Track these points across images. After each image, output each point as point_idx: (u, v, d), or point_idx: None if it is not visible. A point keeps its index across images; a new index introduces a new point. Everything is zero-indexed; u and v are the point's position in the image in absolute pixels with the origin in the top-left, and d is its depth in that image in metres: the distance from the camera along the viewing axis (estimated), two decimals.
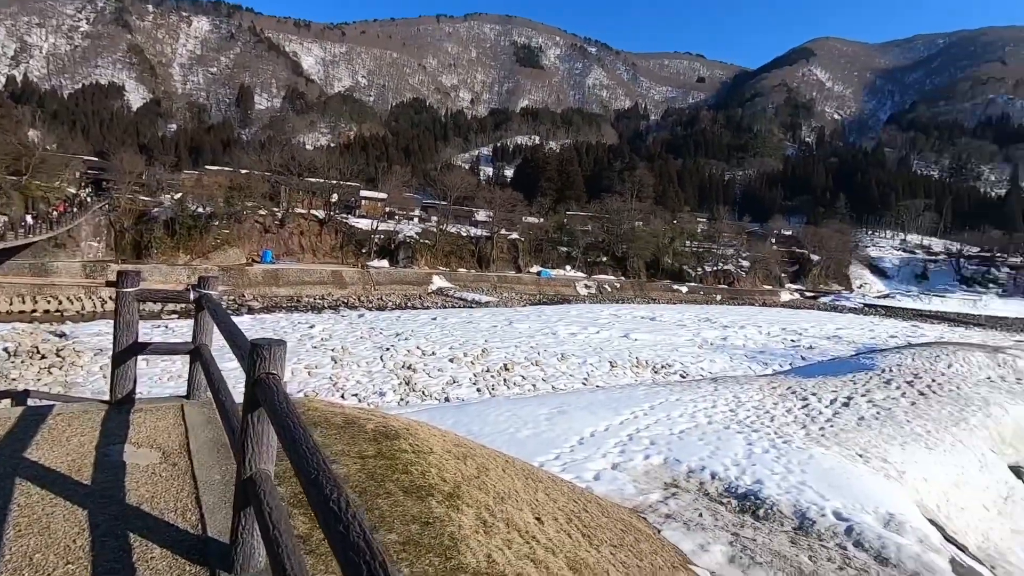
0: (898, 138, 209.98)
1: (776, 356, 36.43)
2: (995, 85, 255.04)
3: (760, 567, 5.99)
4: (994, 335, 57.75)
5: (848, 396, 15.89)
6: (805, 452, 10.90)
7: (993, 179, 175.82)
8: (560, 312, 48.50)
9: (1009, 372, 20.59)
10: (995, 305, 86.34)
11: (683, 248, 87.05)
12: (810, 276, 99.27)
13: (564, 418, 12.00)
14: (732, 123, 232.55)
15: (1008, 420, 15.46)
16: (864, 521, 8.03)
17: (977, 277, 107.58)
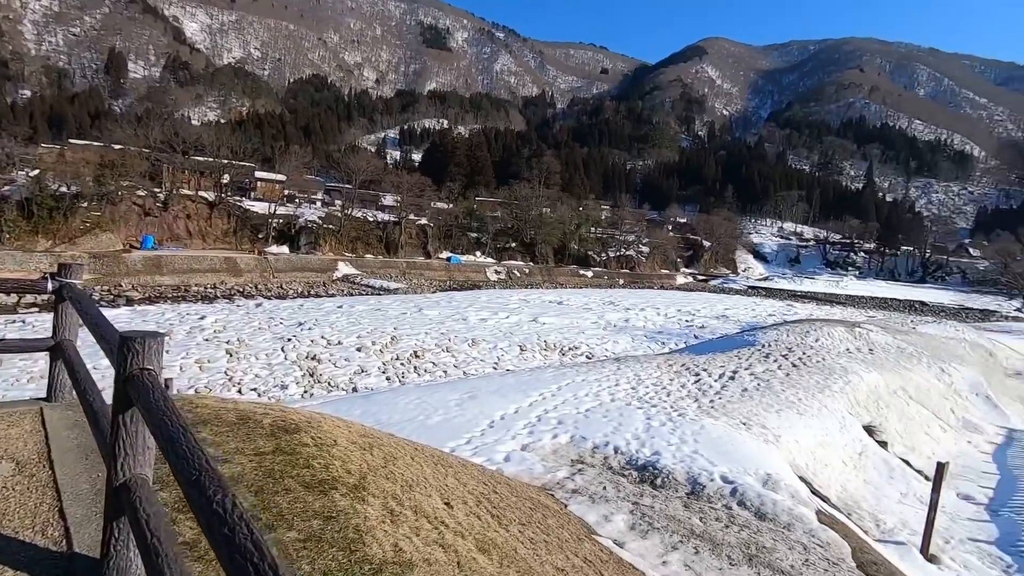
0: (776, 135, 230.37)
1: (673, 336, 38.99)
2: (854, 90, 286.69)
3: (657, 532, 6.42)
4: (852, 312, 65.61)
5: (734, 370, 17.35)
6: (697, 423, 11.78)
7: (852, 174, 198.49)
8: (470, 298, 48.59)
9: (864, 344, 23.47)
10: (853, 286, 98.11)
11: (589, 234, 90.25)
12: (702, 261, 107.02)
13: (475, 403, 12.08)
14: (633, 115, 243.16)
15: (863, 386, 17.67)
16: (746, 482, 8.86)
17: (839, 261, 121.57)
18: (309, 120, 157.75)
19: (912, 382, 19.98)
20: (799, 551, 6.75)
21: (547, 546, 3.87)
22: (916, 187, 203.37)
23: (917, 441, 16.40)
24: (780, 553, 6.55)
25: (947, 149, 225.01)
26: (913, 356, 22.79)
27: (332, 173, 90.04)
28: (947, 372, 22.18)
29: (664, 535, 6.39)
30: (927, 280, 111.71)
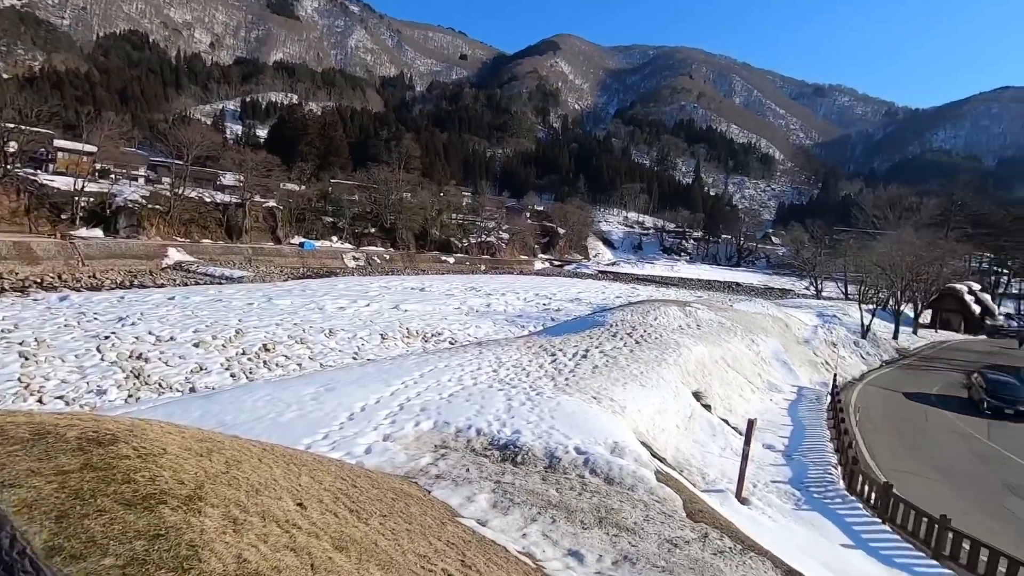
0: (622, 131, 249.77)
1: (532, 319, 40.71)
2: (685, 95, 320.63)
3: (518, 507, 6.71)
4: (684, 292, 73.94)
5: (586, 349, 18.64)
6: (554, 400, 12.48)
7: (684, 170, 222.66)
8: (327, 286, 46.09)
9: (693, 321, 26.62)
10: (685, 269, 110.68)
11: (450, 220, 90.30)
12: (558, 247, 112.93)
13: (333, 395, 11.52)
14: (493, 103, 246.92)
15: (692, 358, 20.05)
16: (597, 452, 9.61)
17: (674, 247, 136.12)
18: (126, 83, 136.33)
19: (730, 352, 23.15)
20: (641, 508, 7.49)
21: (409, 534, 3.83)
22: (733, 183, 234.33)
23: (734, 403, 19.08)
24: (625, 512, 7.22)
25: (757, 152, 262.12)
26: (731, 330, 26.37)
27: (158, 146, 78.67)
28: (756, 342, 26.04)
29: (524, 509, 6.69)
30: (741, 264, 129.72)
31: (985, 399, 21.38)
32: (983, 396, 21.63)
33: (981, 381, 22.74)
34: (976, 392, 22.58)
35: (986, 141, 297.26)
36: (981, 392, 21.97)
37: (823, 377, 25.76)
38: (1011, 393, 21.39)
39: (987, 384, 22.21)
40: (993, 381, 22.44)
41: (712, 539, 6.76)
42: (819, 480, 13.76)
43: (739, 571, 6.03)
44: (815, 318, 36.55)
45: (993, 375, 23.29)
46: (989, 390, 21.69)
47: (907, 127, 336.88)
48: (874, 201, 73.50)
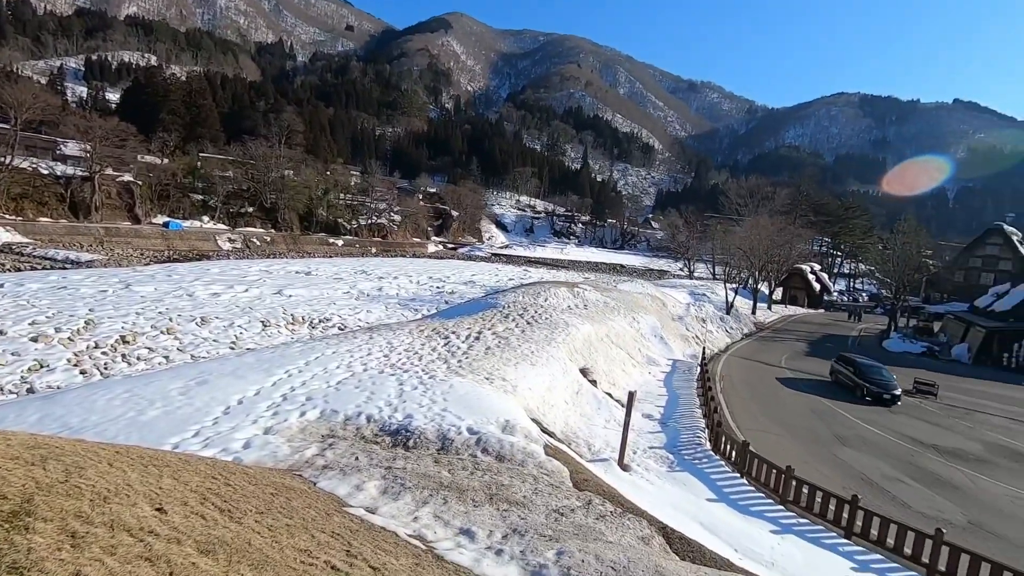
0: (514, 115, 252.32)
1: (425, 302, 40.22)
2: (574, 83, 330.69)
3: (409, 491, 6.65)
4: (573, 274, 76.98)
5: (479, 331, 18.81)
6: (447, 383, 12.48)
7: (573, 156, 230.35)
8: (198, 270, 42.08)
9: (581, 302, 27.87)
10: (574, 252, 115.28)
11: (338, 200, 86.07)
12: (451, 229, 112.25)
13: (205, 389, 10.59)
14: (382, 79, 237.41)
15: (579, 336, 21.02)
16: (489, 431, 9.78)
17: (564, 231, 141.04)
18: None
19: (614, 330, 24.58)
20: (530, 482, 7.77)
21: (289, 530, 3.64)
22: (618, 170, 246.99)
23: (617, 377, 20.32)
24: (516, 487, 7.44)
25: (639, 141, 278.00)
26: (615, 309, 27.97)
27: None
28: (637, 320, 27.88)
29: (416, 492, 6.65)
30: (625, 247, 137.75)
31: (865, 386, 21.66)
32: (861, 383, 21.92)
33: (851, 369, 22.95)
34: (846, 379, 23.03)
35: (826, 140, 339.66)
36: (855, 379, 22.33)
37: (694, 350, 28.24)
38: (883, 378, 21.80)
39: (861, 371, 22.41)
40: (865, 367, 22.63)
41: (595, 505, 7.18)
42: (690, 443, 15.15)
43: (618, 532, 6.48)
44: (688, 297, 39.85)
45: (862, 360, 23.48)
46: (865, 377, 21.98)
47: (765, 124, 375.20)
48: (737, 190, 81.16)
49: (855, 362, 23.25)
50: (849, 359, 23.92)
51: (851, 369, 22.97)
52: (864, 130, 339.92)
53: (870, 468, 14.69)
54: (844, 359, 24.30)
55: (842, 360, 24.37)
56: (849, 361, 23.72)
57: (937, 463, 15.64)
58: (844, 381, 23.27)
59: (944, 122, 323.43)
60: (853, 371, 22.71)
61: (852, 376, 22.61)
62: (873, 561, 9.92)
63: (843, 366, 23.87)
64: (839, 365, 24.30)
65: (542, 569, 5.13)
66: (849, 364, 23.46)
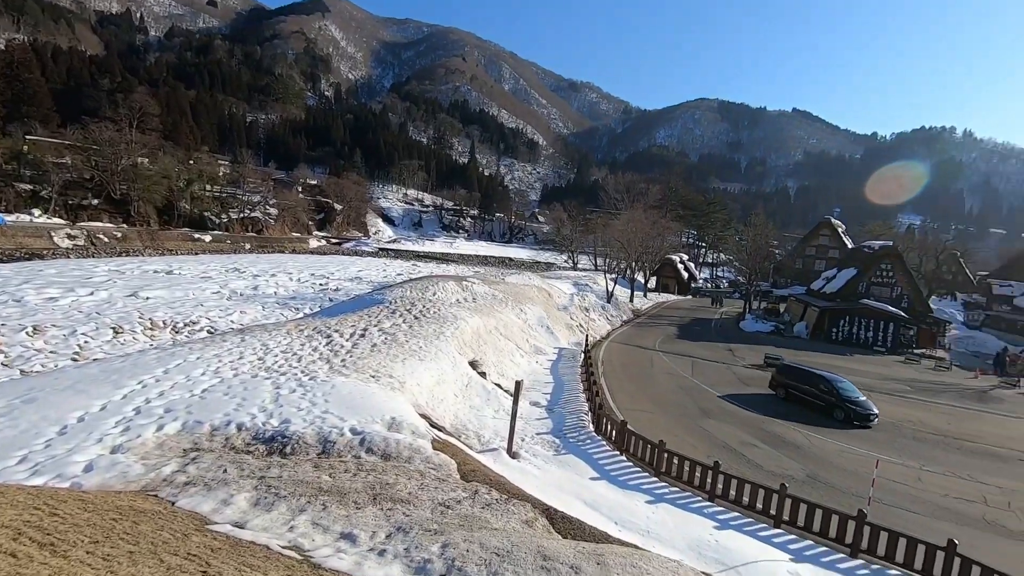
0: (399, 106, 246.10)
1: (307, 300, 38.11)
2: (459, 76, 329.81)
3: (284, 500, 6.25)
4: (463, 268, 77.16)
5: (364, 328, 18.18)
6: (329, 384, 11.91)
7: (460, 149, 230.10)
8: (27, 272, 36.38)
9: (470, 295, 27.98)
10: (463, 246, 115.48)
11: (204, 192, 78.50)
12: (335, 224, 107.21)
13: (33, 407, 9.15)
14: (252, 61, 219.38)
15: (468, 329, 21.10)
16: (374, 430, 9.50)
17: (452, 225, 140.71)
18: None
19: (502, 322, 25.00)
20: (416, 478, 7.66)
21: (132, 557, 3.25)
22: (505, 165, 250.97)
23: (505, 367, 20.70)
24: (401, 485, 7.30)
25: (524, 137, 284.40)
26: (503, 301, 28.45)
27: None
28: (524, 311, 28.58)
29: (292, 501, 6.27)
30: (513, 241, 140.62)
31: (852, 409, 18.61)
32: (840, 405, 18.82)
33: (824, 387, 19.57)
34: (813, 397, 19.74)
35: (691, 140, 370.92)
36: (831, 399, 19.16)
37: (578, 338, 29.59)
38: (862, 399, 19.20)
39: (838, 390, 19.26)
40: (842, 386, 19.55)
41: (481, 495, 7.26)
42: (575, 427, 15.86)
43: (503, 518, 6.60)
44: (572, 287, 41.62)
45: (833, 376, 20.35)
46: (847, 398, 18.95)
47: (639, 124, 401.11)
48: (615, 186, 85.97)
49: (825, 379, 19.93)
50: (811, 373, 20.54)
51: (823, 387, 19.60)
52: (722, 133, 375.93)
53: (729, 436, 16.38)
54: (800, 372, 20.97)
55: (797, 373, 21.00)
56: (810, 376, 20.33)
57: (782, 426, 17.83)
58: (808, 399, 19.88)
59: (785, 128, 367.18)
60: (826, 390, 19.47)
61: (824, 395, 19.47)
62: (732, 519, 11.07)
63: (802, 381, 20.41)
64: (791, 379, 20.94)
65: (426, 564, 5.08)
66: (815, 380, 20.03)
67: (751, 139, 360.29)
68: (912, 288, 41.53)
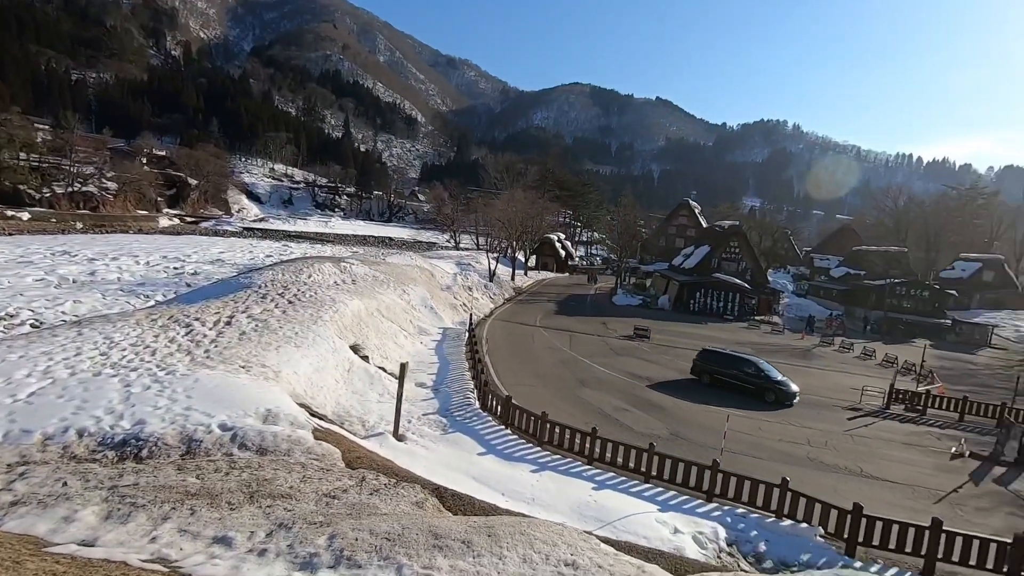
0: (261, 72, 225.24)
1: (159, 286, 34.18)
2: (330, 44, 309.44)
3: (143, 509, 5.62)
4: (340, 248, 73.73)
5: (231, 315, 16.72)
6: (191, 377, 10.84)
7: (333, 123, 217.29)
8: None
9: (348, 277, 26.84)
10: (340, 225, 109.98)
11: (15, 162, 66.25)
12: (190, 200, 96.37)
13: None
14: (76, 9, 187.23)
15: (348, 312, 20.28)
16: (247, 424, 8.84)
17: (327, 203, 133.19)
18: None
19: (384, 303, 24.36)
20: (298, 471, 7.29)
21: None
22: (382, 141, 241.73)
23: (389, 350, 20.27)
24: (281, 479, 6.90)
25: (402, 112, 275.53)
26: (384, 282, 27.68)
27: None
28: (407, 292, 28.08)
29: (152, 509, 5.66)
30: (393, 220, 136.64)
31: (776, 390, 19.46)
32: (771, 387, 19.52)
33: (752, 370, 20.09)
34: (741, 381, 20.15)
35: (567, 123, 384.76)
36: (761, 382, 19.77)
37: (462, 317, 29.77)
38: (784, 377, 20.08)
39: (765, 372, 20.00)
40: (767, 368, 20.26)
41: (369, 481, 7.11)
42: (461, 405, 16.03)
43: (392, 502, 6.54)
44: (455, 267, 41.62)
45: (758, 359, 21.04)
46: (773, 379, 19.77)
47: (517, 105, 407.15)
48: (495, 165, 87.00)
49: (752, 362, 20.66)
50: (736, 357, 21.28)
51: (751, 371, 20.20)
52: (595, 117, 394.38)
53: (604, 403, 17.59)
54: (725, 357, 21.42)
55: (721, 358, 21.40)
56: (736, 360, 20.98)
57: (650, 391, 19.51)
58: (736, 384, 20.30)
59: (650, 115, 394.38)
60: (755, 373, 20.11)
61: (753, 378, 20.04)
62: (609, 479, 11.96)
63: (729, 366, 20.83)
64: (716, 364, 21.19)
65: (312, 558, 4.89)
66: (741, 364, 20.64)
67: (620, 124, 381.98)
68: (754, 263, 47.17)
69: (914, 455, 16.04)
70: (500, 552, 5.05)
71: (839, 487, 12.59)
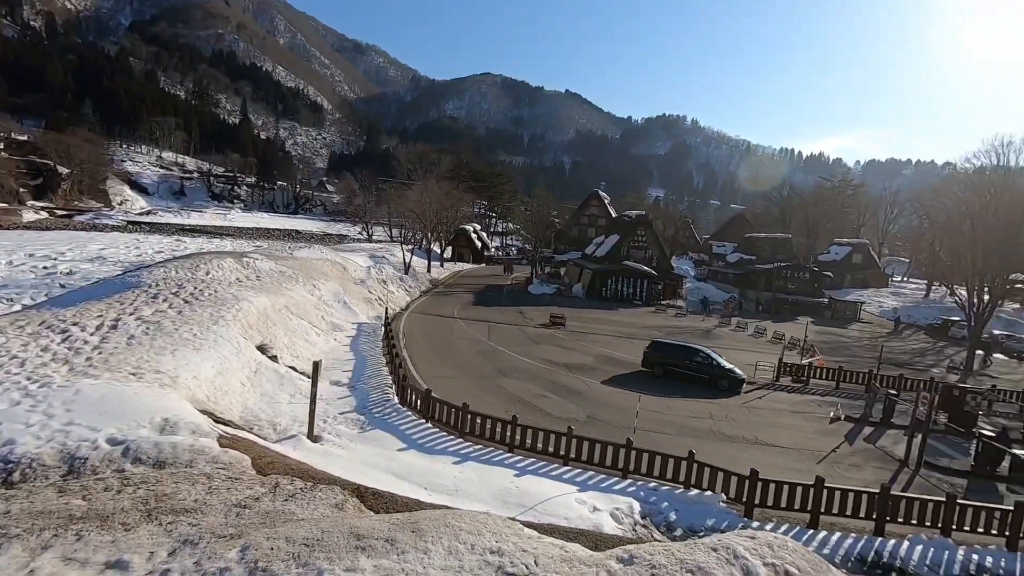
0: (143, 50, 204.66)
1: (26, 289, 30.36)
2: (223, 22, 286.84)
3: (17, 539, 4.99)
4: (241, 243, 69.11)
5: (116, 318, 15.20)
6: (70, 389, 9.75)
7: (229, 108, 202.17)
8: None
9: (252, 272, 25.25)
10: (240, 218, 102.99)
11: None
12: (60, 192, 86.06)
13: None
14: None
15: (253, 310, 19.10)
16: (140, 436, 8.10)
17: (225, 194, 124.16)
18: None
19: (293, 300, 23.18)
20: (203, 482, 6.80)
21: None
22: (285, 128, 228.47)
23: (300, 349, 19.36)
24: (183, 493, 6.40)
25: (305, 98, 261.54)
26: (292, 277, 26.34)
27: None
28: (317, 287, 26.90)
29: (29, 539, 5.04)
30: (300, 212, 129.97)
31: (728, 377, 20.43)
32: (724, 375, 20.39)
33: (701, 358, 21.04)
34: (692, 370, 20.74)
35: (479, 114, 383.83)
36: (713, 369, 20.58)
37: (378, 311, 29.02)
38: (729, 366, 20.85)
39: (716, 360, 20.91)
40: (716, 357, 21.18)
41: (283, 487, 6.78)
42: (379, 401, 15.66)
43: (310, 506, 6.28)
44: (368, 260, 40.44)
45: (705, 348, 21.93)
46: (723, 367, 20.65)
47: (428, 94, 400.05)
48: (408, 155, 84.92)
49: (702, 351, 21.51)
50: (686, 348, 22.08)
51: (703, 360, 21.01)
52: (507, 108, 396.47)
53: (523, 391, 17.91)
54: (676, 348, 22.13)
55: (673, 349, 22.08)
56: (688, 351, 21.70)
57: (567, 377, 20.12)
58: (690, 374, 20.79)
59: (560, 108, 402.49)
60: (707, 362, 20.95)
61: (706, 367, 20.80)
62: (530, 465, 12.21)
63: (681, 356, 21.40)
64: (668, 355, 21.67)
65: (223, 573, 4.59)
66: (692, 354, 21.36)
67: (532, 116, 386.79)
68: (660, 250, 49.81)
69: (800, 421, 17.79)
70: (425, 547, 5.01)
71: (738, 455, 13.68)
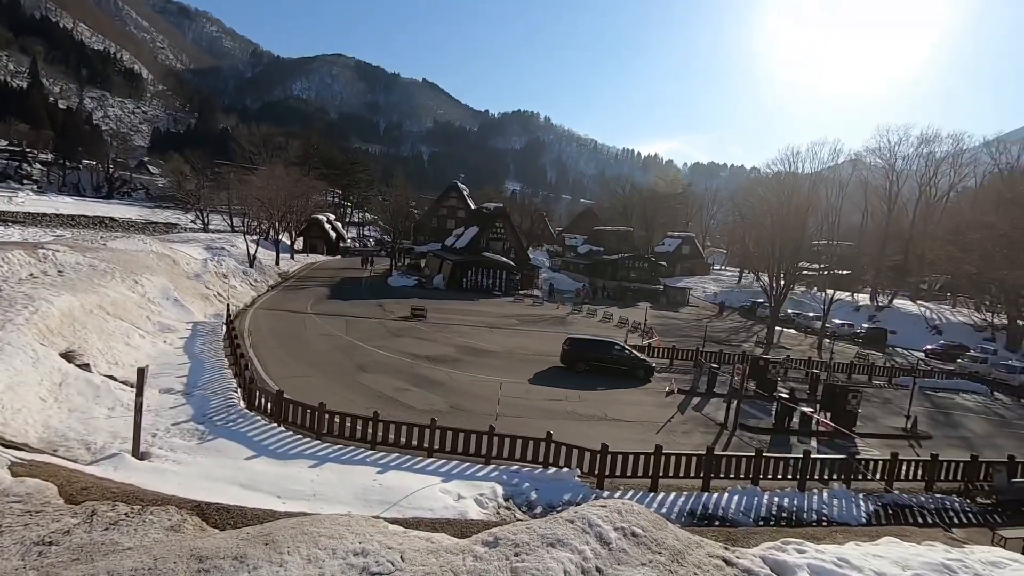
0: None
1: None
2: None
3: None
4: (35, 231, 58.04)
5: None
6: None
7: (13, 69, 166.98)
8: None
9: (51, 267, 21.30)
10: (32, 202, 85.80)
11: None
12: None
13: None
14: None
15: (55, 311, 16.13)
16: None
17: (11, 173, 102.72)
18: None
19: (109, 298, 20.01)
20: None
21: None
22: (92, 98, 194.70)
23: (119, 354, 16.80)
24: None
25: (119, 64, 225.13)
26: (107, 273, 22.72)
27: None
28: (140, 283, 23.53)
29: None
30: (114, 196, 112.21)
31: (644, 367, 21.83)
32: (640, 365, 21.79)
33: (619, 350, 22.13)
34: (611, 364, 21.79)
35: (331, 97, 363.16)
36: (633, 362, 21.86)
37: (217, 309, 26.25)
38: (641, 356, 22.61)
39: (634, 354, 22.26)
40: (635, 352, 22.64)
41: (101, 514, 5.86)
42: (222, 408, 14.19)
43: (138, 532, 5.50)
44: (204, 252, 36.31)
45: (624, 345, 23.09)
46: (640, 360, 22.00)
47: (272, 72, 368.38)
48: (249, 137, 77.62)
49: (617, 345, 22.67)
50: (602, 342, 22.94)
51: (618, 352, 22.17)
52: (361, 93, 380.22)
53: (385, 385, 17.49)
54: (594, 344, 22.82)
55: (591, 345, 22.72)
56: (604, 345, 22.58)
57: (429, 369, 20.04)
58: (610, 367, 21.76)
59: (417, 96, 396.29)
60: (623, 353, 22.16)
61: (625, 359, 21.98)
62: (393, 460, 11.97)
63: (600, 351, 22.25)
64: (587, 350, 22.31)
65: None
66: (608, 348, 22.34)
67: (388, 103, 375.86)
68: (517, 242, 51.58)
69: (642, 397, 19.71)
70: (280, 559, 4.67)
71: (590, 432, 14.76)
